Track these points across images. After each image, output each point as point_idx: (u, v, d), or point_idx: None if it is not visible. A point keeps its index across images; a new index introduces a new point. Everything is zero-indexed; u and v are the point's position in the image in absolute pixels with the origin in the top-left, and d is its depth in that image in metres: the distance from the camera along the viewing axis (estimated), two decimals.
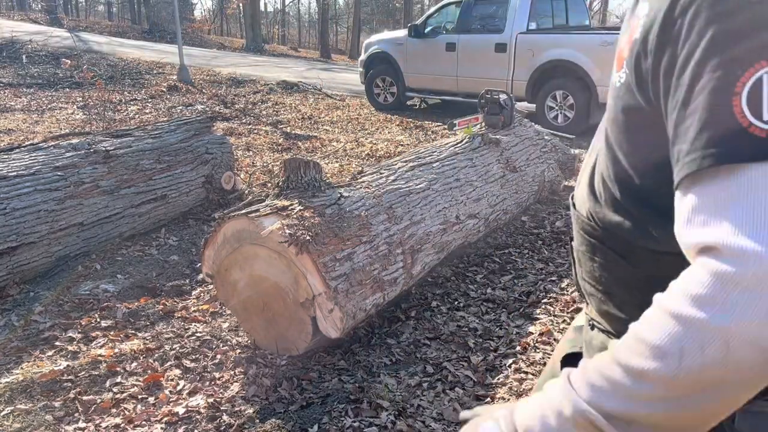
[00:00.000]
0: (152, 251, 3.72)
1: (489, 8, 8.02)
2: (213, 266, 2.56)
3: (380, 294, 2.57)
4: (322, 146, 6.76)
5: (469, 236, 3.49)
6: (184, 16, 21.65)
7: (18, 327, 2.76)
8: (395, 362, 2.54)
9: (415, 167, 3.32)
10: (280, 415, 2.15)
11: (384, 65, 9.21)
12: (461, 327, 2.82)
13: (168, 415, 2.14)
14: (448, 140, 4.07)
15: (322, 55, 25.21)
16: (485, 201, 3.65)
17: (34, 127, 7.39)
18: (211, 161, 4.45)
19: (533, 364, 2.49)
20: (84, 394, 2.25)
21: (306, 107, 9.50)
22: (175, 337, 2.69)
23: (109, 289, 3.17)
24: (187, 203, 4.28)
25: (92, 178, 3.60)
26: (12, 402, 2.19)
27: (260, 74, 13.19)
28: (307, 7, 55.27)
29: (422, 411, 2.19)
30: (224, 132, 6.16)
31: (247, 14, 25.29)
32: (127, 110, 8.75)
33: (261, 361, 2.49)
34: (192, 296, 3.14)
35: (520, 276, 3.42)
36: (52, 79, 11.42)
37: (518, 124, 4.65)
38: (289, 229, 2.28)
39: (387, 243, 2.67)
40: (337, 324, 2.33)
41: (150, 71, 12.83)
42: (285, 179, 2.62)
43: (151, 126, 4.45)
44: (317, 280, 2.28)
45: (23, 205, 3.17)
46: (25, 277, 3.20)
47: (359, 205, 2.67)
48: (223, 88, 11.20)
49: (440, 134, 7.37)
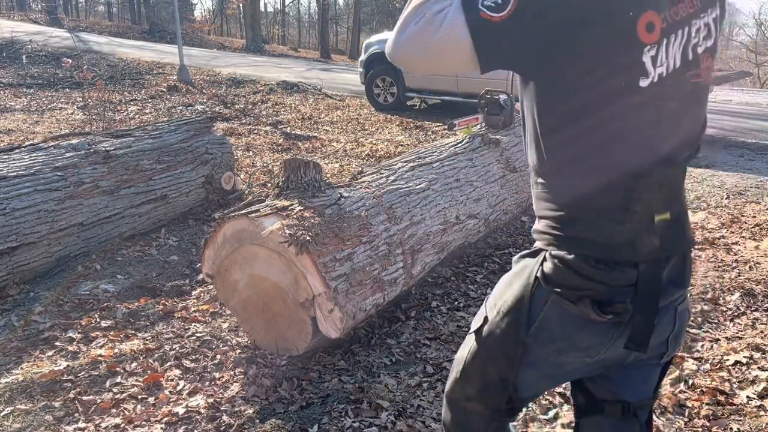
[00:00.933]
0: (152, 251, 3.72)
1: None
2: (213, 266, 2.56)
3: (380, 294, 2.57)
4: (322, 146, 6.76)
5: (469, 236, 3.49)
6: (184, 17, 21.66)
7: (18, 327, 2.76)
8: (395, 362, 2.54)
9: (415, 167, 3.32)
10: (280, 415, 2.15)
11: (384, 65, 9.20)
12: (461, 327, 2.82)
13: (168, 415, 2.14)
14: (448, 140, 4.07)
15: (322, 56, 25.22)
16: (485, 201, 3.65)
17: (34, 128, 7.39)
18: (211, 161, 4.45)
19: None
20: (84, 394, 2.25)
21: (306, 107, 9.50)
22: (175, 337, 2.69)
23: (109, 289, 3.17)
24: (187, 203, 4.28)
25: (92, 178, 3.60)
26: (12, 402, 2.19)
27: (260, 74, 13.19)
28: (307, 8, 55.25)
29: (422, 411, 2.19)
30: (224, 132, 6.16)
31: (247, 14, 25.29)
32: (127, 110, 8.75)
33: (261, 361, 2.49)
34: (192, 296, 3.14)
35: None
36: (52, 79, 11.43)
37: (518, 124, 4.65)
38: (289, 229, 2.28)
39: (387, 243, 2.67)
40: (337, 324, 2.33)
41: (150, 71, 12.83)
42: (285, 179, 2.62)
43: (151, 126, 4.45)
44: (317, 280, 2.28)
45: (23, 206, 3.18)
46: (25, 277, 3.20)
47: (359, 205, 2.67)
48: (223, 88, 11.20)
49: (440, 134, 7.37)
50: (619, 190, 1.04)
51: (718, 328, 2.79)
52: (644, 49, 0.97)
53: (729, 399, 2.23)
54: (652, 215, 1.05)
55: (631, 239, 1.04)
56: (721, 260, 3.60)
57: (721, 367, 2.45)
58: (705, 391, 2.27)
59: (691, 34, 1.03)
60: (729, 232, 4.08)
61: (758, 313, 2.91)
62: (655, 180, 1.05)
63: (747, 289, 3.13)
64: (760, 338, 2.66)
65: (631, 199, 1.04)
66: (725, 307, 2.98)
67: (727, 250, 3.76)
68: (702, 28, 1.05)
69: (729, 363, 2.47)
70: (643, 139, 1.02)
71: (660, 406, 2.19)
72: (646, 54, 0.97)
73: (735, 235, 4.01)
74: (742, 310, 2.94)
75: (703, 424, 2.09)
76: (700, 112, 1.12)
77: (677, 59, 1.02)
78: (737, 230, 4.10)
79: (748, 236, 3.98)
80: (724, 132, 7.83)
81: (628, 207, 1.04)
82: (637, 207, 1.04)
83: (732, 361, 2.48)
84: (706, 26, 1.06)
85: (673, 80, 1.02)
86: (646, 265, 1.05)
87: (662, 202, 1.06)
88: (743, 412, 2.16)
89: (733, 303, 3.01)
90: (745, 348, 2.58)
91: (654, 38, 0.97)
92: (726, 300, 3.05)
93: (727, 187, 5.16)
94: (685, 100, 1.06)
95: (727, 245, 3.83)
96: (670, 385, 2.32)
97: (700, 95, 1.10)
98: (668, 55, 1.00)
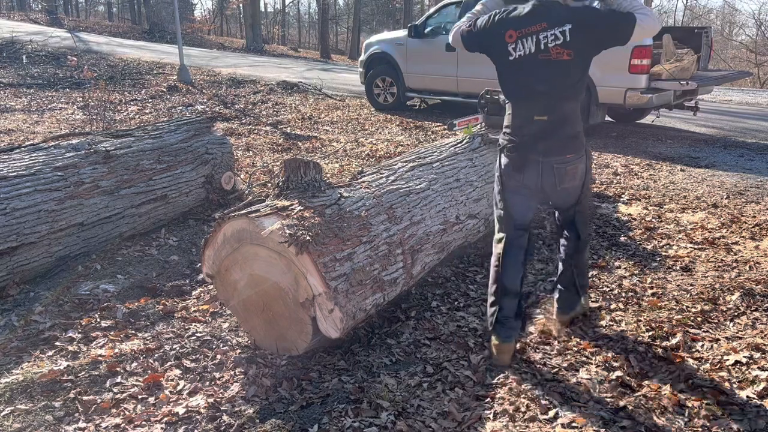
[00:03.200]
0: (152, 251, 3.72)
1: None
2: (213, 266, 2.56)
3: (380, 294, 2.57)
4: (322, 146, 6.76)
5: (469, 236, 3.49)
6: (184, 17, 21.64)
7: (18, 327, 2.76)
8: (395, 362, 2.54)
9: (415, 167, 3.32)
10: (280, 415, 2.15)
11: (384, 65, 9.20)
12: (461, 327, 2.83)
13: (168, 415, 2.14)
14: (448, 140, 4.07)
15: (322, 56, 25.21)
16: (485, 201, 3.65)
17: (34, 128, 7.39)
18: (211, 161, 4.45)
19: (533, 364, 2.49)
20: (84, 394, 2.25)
21: (306, 107, 9.50)
22: (175, 337, 2.69)
23: (109, 289, 3.18)
24: (187, 203, 4.28)
25: (92, 178, 3.60)
26: (12, 402, 2.19)
27: (260, 74, 13.20)
28: (307, 8, 55.28)
29: (422, 411, 2.19)
30: (224, 132, 6.16)
31: (247, 14, 25.29)
32: (127, 110, 8.76)
33: (261, 361, 2.49)
34: (192, 296, 3.14)
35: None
36: (52, 79, 11.43)
37: None
38: (289, 229, 2.28)
39: (387, 243, 2.67)
40: (337, 324, 2.33)
41: (150, 71, 12.83)
42: (285, 179, 2.62)
43: (151, 126, 4.45)
44: (317, 280, 2.29)
45: (23, 205, 3.18)
46: (25, 277, 3.20)
47: (359, 205, 2.67)
48: (223, 88, 11.20)
49: (440, 134, 7.37)
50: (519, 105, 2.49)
51: (718, 328, 2.79)
52: (508, 45, 2.38)
53: (729, 399, 2.23)
54: (532, 116, 2.41)
55: (521, 125, 2.47)
56: (721, 260, 3.60)
57: (721, 367, 2.45)
58: (705, 391, 2.27)
59: (540, 38, 2.30)
60: (729, 232, 4.08)
61: (758, 313, 2.91)
62: (531, 100, 2.42)
63: (747, 289, 3.13)
64: (760, 338, 2.66)
65: (521, 108, 2.49)
66: (725, 307, 2.98)
67: (727, 250, 3.76)
68: (550, 35, 2.29)
69: (729, 363, 2.47)
70: (517, 83, 2.47)
71: (660, 406, 2.19)
72: (510, 46, 2.37)
73: (735, 235, 4.01)
74: (742, 310, 2.94)
75: (703, 424, 2.09)
76: (557, 73, 2.34)
77: (530, 48, 2.33)
78: (737, 230, 4.10)
79: (748, 236, 3.98)
80: (724, 132, 7.83)
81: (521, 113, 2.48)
82: (523, 112, 2.46)
83: (732, 361, 2.48)
84: (554, 35, 2.29)
85: (528, 58, 2.35)
86: (524, 138, 2.44)
87: (540, 111, 2.39)
88: (743, 412, 2.16)
89: (733, 303, 3.01)
90: (745, 348, 2.58)
91: (512, 40, 2.36)
92: (726, 300, 3.05)
93: (727, 187, 5.16)
94: (535, 66, 2.35)
95: (727, 245, 3.83)
96: (670, 385, 2.32)
97: (556, 64, 2.32)
98: (523, 46, 2.34)
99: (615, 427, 2.09)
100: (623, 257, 3.69)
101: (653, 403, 2.21)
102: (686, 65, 6.73)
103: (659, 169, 5.90)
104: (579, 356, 2.55)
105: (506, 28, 2.36)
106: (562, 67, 2.32)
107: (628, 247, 3.88)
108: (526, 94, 2.43)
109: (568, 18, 2.28)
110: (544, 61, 2.31)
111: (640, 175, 5.65)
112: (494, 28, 2.41)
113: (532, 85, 2.38)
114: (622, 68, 6.56)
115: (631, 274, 3.42)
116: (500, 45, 2.39)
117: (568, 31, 2.26)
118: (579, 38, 2.28)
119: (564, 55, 2.29)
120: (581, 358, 2.53)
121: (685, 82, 6.41)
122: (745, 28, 36.06)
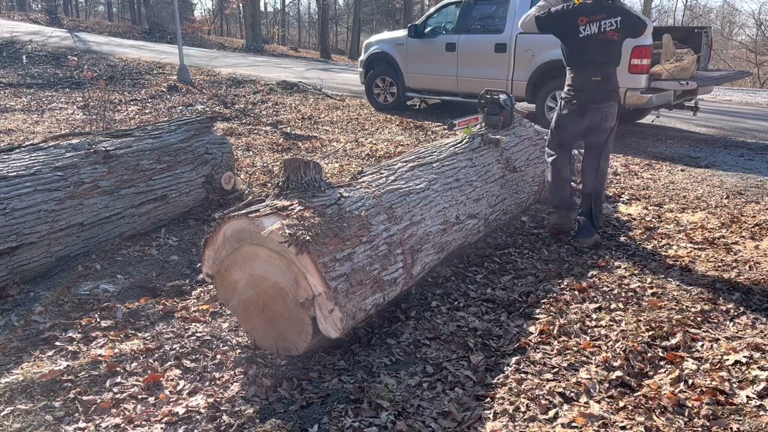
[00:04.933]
0: (152, 251, 3.72)
1: (489, 8, 8.01)
2: (213, 266, 2.56)
3: (380, 294, 2.57)
4: (322, 146, 6.76)
5: (469, 236, 3.49)
6: (184, 17, 21.64)
7: (18, 327, 2.76)
8: (395, 362, 2.54)
9: (415, 167, 3.32)
10: (280, 415, 2.15)
11: (384, 65, 9.20)
12: (461, 327, 2.82)
13: (168, 415, 2.14)
14: (448, 140, 4.07)
15: (322, 56, 25.22)
16: (485, 201, 3.65)
17: (34, 127, 7.39)
18: (211, 161, 4.45)
19: (533, 364, 2.49)
20: (84, 394, 2.25)
21: (306, 107, 9.50)
22: (175, 337, 2.69)
23: (109, 289, 3.17)
24: (187, 203, 4.28)
25: (92, 178, 3.60)
26: (12, 402, 2.19)
27: (260, 74, 13.20)
28: (307, 8, 55.24)
29: (422, 411, 2.19)
30: (224, 132, 6.16)
31: (247, 14, 25.29)
32: (127, 110, 8.75)
33: (261, 361, 2.49)
34: (192, 296, 3.14)
35: (520, 276, 3.42)
36: (52, 79, 11.43)
37: (518, 124, 4.65)
38: (289, 229, 2.28)
39: (387, 243, 2.67)
40: (337, 324, 2.34)
41: (150, 71, 12.83)
42: (285, 179, 2.61)
43: (151, 126, 4.45)
44: (317, 280, 2.29)
45: (23, 205, 3.18)
46: (25, 277, 3.20)
47: (359, 205, 2.67)
48: (223, 88, 11.20)
49: (440, 134, 7.37)
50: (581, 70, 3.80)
51: (718, 328, 2.79)
52: (579, 27, 3.69)
53: (729, 399, 2.23)
54: (590, 77, 3.72)
55: (583, 83, 3.75)
56: (721, 260, 3.60)
57: (721, 366, 2.45)
58: (705, 391, 2.27)
59: (602, 24, 3.64)
60: (729, 232, 4.08)
61: (758, 313, 2.91)
62: (590, 66, 3.73)
63: (747, 289, 3.13)
64: (759, 338, 2.66)
65: (583, 71, 3.78)
66: (725, 307, 2.98)
67: (727, 250, 3.76)
68: (608, 23, 3.63)
69: (729, 363, 2.47)
70: (582, 54, 3.77)
71: (660, 406, 2.19)
72: (581, 27, 3.68)
73: (735, 235, 4.01)
74: (742, 310, 2.94)
75: (703, 424, 2.09)
76: (609, 48, 3.71)
77: (594, 30, 3.65)
78: (737, 230, 4.10)
79: (748, 236, 3.98)
80: (724, 132, 7.83)
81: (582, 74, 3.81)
82: (585, 75, 3.76)
83: (732, 360, 2.48)
84: (610, 22, 3.63)
85: (593, 36, 3.67)
86: (585, 93, 3.74)
87: (596, 73, 3.72)
88: (743, 412, 2.16)
89: (733, 303, 3.01)
90: (745, 348, 2.57)
91: (583, 24, 3.66)
92: (726, 300, 3.05)
93: (727, 187, 5.16)
94: (598, 44, 3.68)
95: (727, 245, 3.83)
96: (670, 385, 2.32)
97: (609, 42, 3.68)
98: (590, 28, 3.66)
99: (615, 427, 2.09)
100: (623, 257, 3.69)
101: (653, 403, 2.21)
102: (686, 65, 6.73)
103: (659, 169, 5.90)
104: (579, 356, 2.55)
105: (579, 14, 3.66)
106: (612, 45, 3.69)
107: (628, 247, 3.88)
108: (588, 61, 3.71)
109: (618, 12, 3.65)
110: (603, 40, 3.65)
111: (640, 175, 5.66)
112: (569, 14, 3.69)
113: (592, 56, 3.69)
114: (621, 68, 6.54)
115: (631, 274, 3.42)
116: (573, 26, 3.66)
117: (619, 21, 3.63)
118: (624, 26, 3.65)
119: (615, 36, 3.66)
120: (581, 358, 2.53)
121: (685, 82, 6.41)
122: (745, 28, 36.08)
